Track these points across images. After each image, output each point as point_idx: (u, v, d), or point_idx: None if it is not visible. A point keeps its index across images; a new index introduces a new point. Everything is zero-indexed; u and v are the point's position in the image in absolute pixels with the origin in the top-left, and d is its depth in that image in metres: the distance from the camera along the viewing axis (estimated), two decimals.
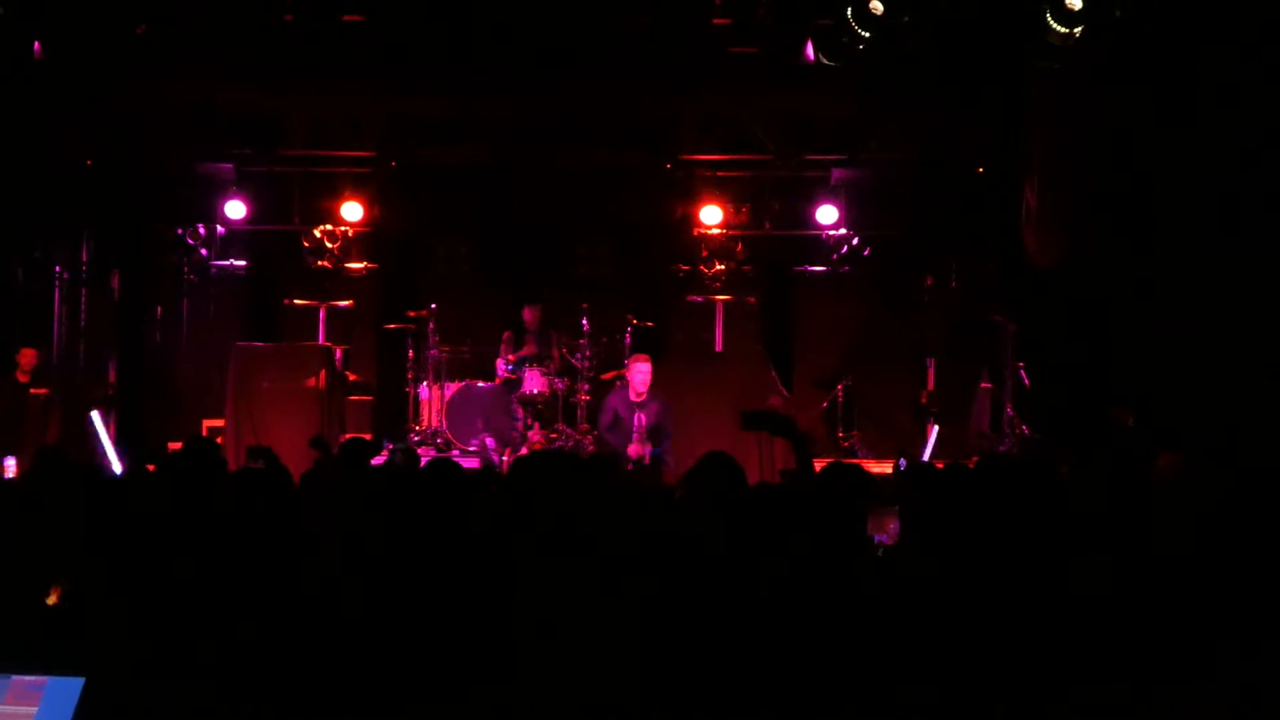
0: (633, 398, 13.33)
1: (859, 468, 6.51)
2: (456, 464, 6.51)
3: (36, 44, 12.67)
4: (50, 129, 14.09)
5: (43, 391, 13.80)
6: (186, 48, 13.15)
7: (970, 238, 15.80)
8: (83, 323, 15.80)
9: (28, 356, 13.74)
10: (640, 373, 13.29)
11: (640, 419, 13.15)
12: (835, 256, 17.01)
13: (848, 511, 5.45)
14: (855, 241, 16.77)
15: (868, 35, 12.24)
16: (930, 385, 16.34)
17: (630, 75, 13.77)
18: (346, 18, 13.23)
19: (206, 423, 14.82)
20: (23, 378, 13.63)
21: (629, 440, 13.17)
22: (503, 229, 16.60)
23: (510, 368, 15.27)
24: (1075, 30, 11.81)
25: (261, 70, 13.59)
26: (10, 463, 11.45)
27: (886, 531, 6.08)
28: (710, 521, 5.39)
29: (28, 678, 3.16)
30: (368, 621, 4.07)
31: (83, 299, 15.85)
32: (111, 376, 15.87)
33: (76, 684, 3.15)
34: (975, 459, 10.92)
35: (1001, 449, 14.15)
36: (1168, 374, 11.63)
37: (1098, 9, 11.69)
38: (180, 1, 12.97)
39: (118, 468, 12.61)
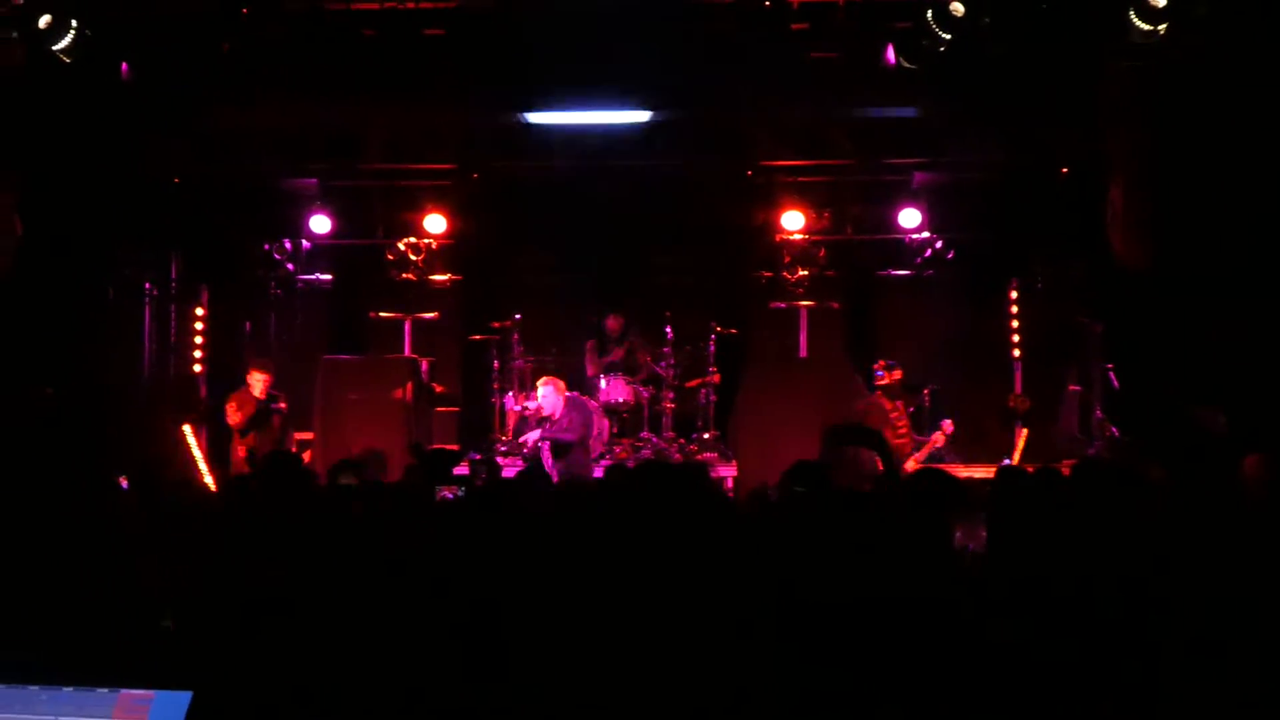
0: (545, 415, 13.44)
1: (947, 474, 6.46)
2: (548, 474, 6.55)
3: (124, 65, 12.87)
4: (138, 148, 14.25)
5: (283, 407, 13.95)
6: (270, 65, 13.28)
7: (1055, 239, 15.60)
8: (173, 339, 15.97)
9: (260, 380, 13.76)
10: (541, 396, 13.48)
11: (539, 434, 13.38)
12: (919, 260, 16.90)
13: (936, 518, 5.43)
14: (939, 245, 16.65)
15: (949, 38, 12.15)
16: (1017, 388, 16.17)
17: (709, 82, 13.75)
18: (427, 32, 13.31)
19: (296, 435, 14.94)
20: (261, 398, 13.69)
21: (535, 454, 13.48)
22: (584, 238, 16.59)
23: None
24: (1159, 28, 11.68)
25: (344, 85, 13.69)
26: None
27: (976, 538, 6.04)
28: (801, 530, 5.38)
29: (135, 691, 3.20)
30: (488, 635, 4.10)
31: (172, 315, 16.02)
32: (202, 392, 16.02)
33: (184, 698, 3.19)
34: (1067, 462, 10.81)
35: (1091, 452, 14.00)
36: (1259, 374, 11.49)
37: (1182, 6, 11.55)
38: (263, 19, 13.09)
39: (210, 483, 12.77)
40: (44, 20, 11.89)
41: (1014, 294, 16.45)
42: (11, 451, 11.19)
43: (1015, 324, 16.43)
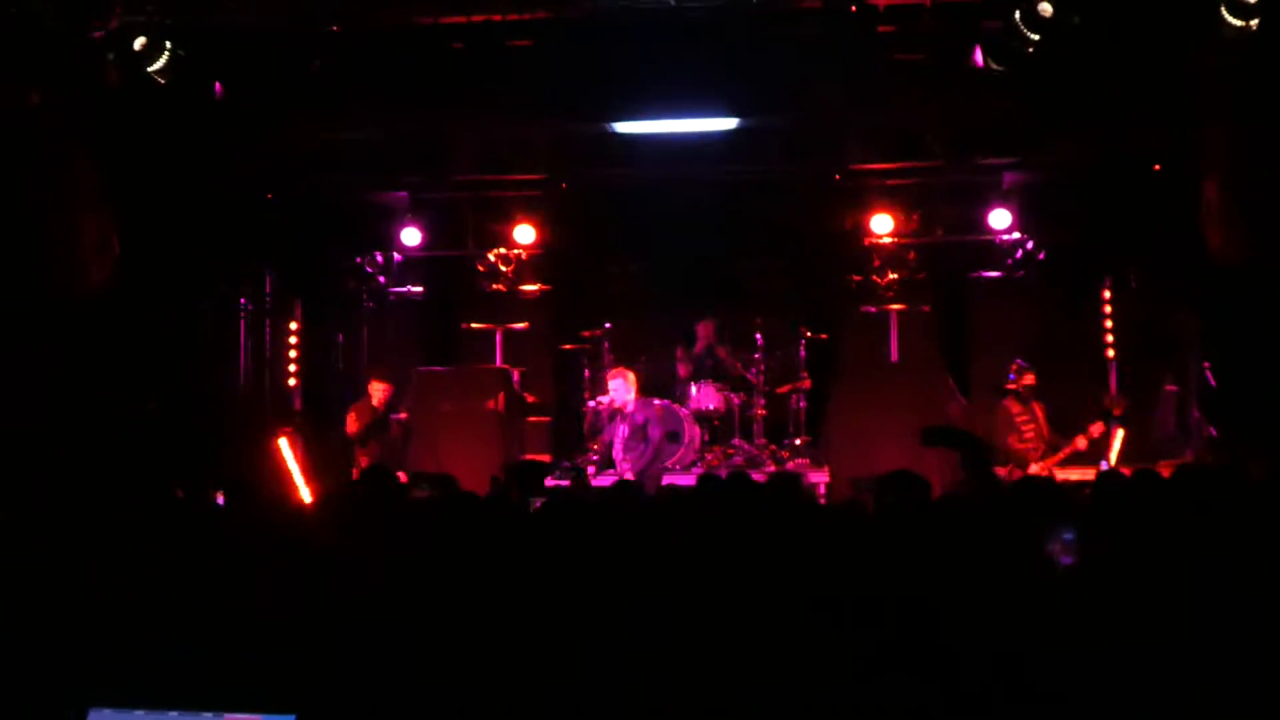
0: (616, 408, 13.36)
1: (1051, 482, 6.40)
2: (641, 484, 6.55)
3: (217, 84, 13.05)
4: (231, 166, 14.44)
5: (403, 417, 14.22)
6: (359, 79, 13.40)
7: (1149, 236, 15.39)
8: (267, 353, 16.15)
9: (379, 390, 14.02)
10: (612, 389, 13.35)
11: (623, 430, 13.20)
12: (1010, 261, 16.75)
13: (1031, 529, 5.38)
14: (1030, 245, 16.50)
15: (1036, 38, 12.05)
16: (1113, 389, 15.97)
17: (796, 87, 13.73)
18: (514, 43, 13.37)
19: None
20: (380, 408, 13.98)
21: (610, 452, 13.47)
22: (673, 246, 16.58)
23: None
24: (1251, 23, 11.52)
25: (433, 98, 13.79)
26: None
27: (1070, 549, 5.96)
28: (891, 540, 5.37)
29: (240, 715, 3.25)
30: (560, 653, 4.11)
31: (267, 329, 16.20)
32: (297, 405, 16.20)
33: None
34: (1164, 463, 10.68)
35: (1189, 452, 13.82)
36: None
37: (1274, 1, 11.39)
38: (353, 35, 13.21)
39: (307, 496, 12.89)
40: (139, 43, 12.10)
41: (1107, 293, 16.24)
42: (117, 466, 11.36)
43: (1109, 323, 16.22)
